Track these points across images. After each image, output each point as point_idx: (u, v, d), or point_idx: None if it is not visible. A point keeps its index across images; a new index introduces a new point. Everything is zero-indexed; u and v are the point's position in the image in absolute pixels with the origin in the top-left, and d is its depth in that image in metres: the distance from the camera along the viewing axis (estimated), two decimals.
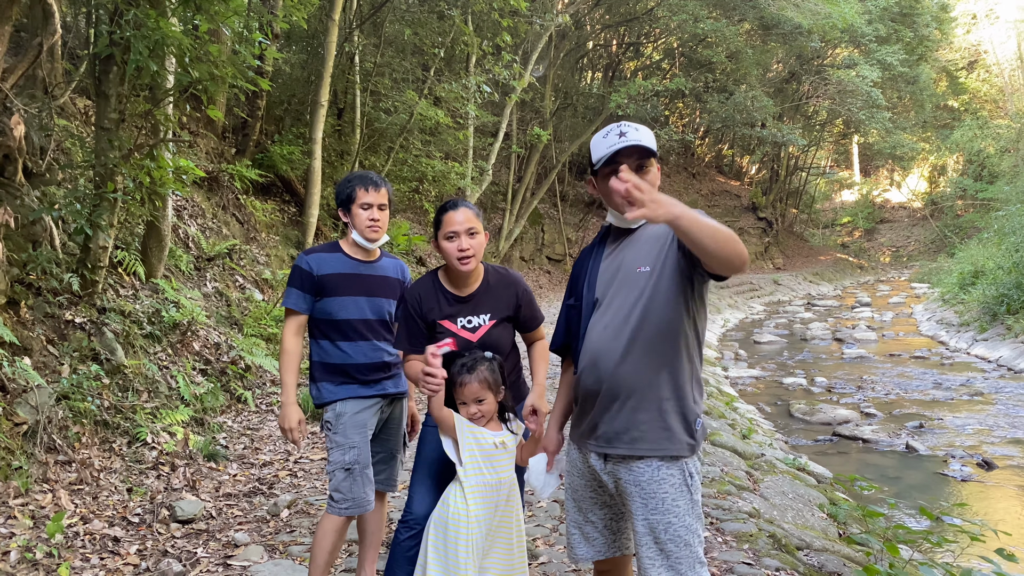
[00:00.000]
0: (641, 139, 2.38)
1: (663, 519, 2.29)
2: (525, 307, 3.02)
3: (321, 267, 3.20)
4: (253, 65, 6.32)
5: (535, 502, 5.01)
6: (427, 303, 2.92)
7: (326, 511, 3.17)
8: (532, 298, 3.08)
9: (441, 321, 2.89)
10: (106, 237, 5.67)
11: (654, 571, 2.30)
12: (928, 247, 39.92)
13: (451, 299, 2.92)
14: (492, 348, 2.88)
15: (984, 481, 6.99)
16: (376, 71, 14.03)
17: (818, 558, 4.22)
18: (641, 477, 2.32)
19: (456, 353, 2.84)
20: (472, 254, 2.82)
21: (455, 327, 2.89)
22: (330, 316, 3.21)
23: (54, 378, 4.96)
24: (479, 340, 2.89)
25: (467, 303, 2.92)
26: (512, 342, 3.03)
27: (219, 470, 5.53)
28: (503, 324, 2.95)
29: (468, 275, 2.89)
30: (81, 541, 4.09)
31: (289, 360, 3.19)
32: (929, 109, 36.75)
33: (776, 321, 20.36)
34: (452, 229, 2.81)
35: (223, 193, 10.14)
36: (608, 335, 2.38)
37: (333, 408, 3.20)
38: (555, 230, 25.92)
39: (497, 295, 2.96)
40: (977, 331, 15.17)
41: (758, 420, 8.97)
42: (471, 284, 2.94)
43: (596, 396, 2.41)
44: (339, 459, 3.14)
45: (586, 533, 2.55)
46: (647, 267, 2.34)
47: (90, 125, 7.50)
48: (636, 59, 30.53)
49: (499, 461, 2.78)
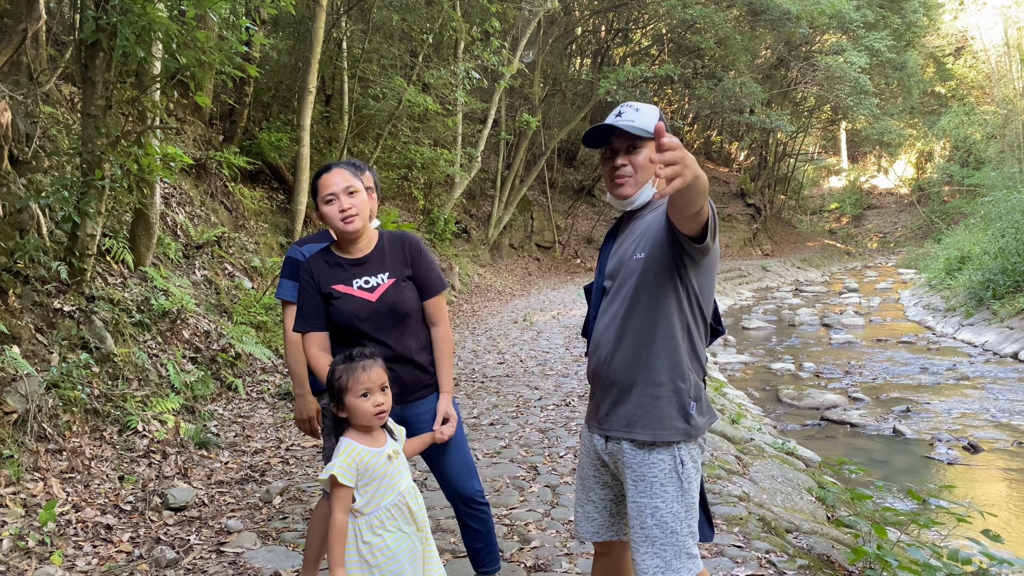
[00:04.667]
0: (634, 120, 2.39)
1: (651, 503, 2.31)
2: (417, 261, 2.85)
3: None
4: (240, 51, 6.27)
5: (527, 487, 5.04)
6: (321, 273, 2.80)
7: (321, 498, 3.18)
8: (428, 257, 2.91)
9: (336, 286, 2.76)
10: (94, 225, 5.63)
11: (639, 555, 2.33)
12: (915, 233, 40.18)
13: (345, 264, 2.81)
14: (393, 309, 2.75)
15: (970, 464, 7.07)
16: (364, 57, 13.96)
17: (807, 540, 4.26)
18: (633, 459, 2.35)
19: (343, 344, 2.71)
20: (355, 212, 2.71)
21: (352, 289, 2.76)
22: None
23: (43, 367, 4.94)
24: (378, 299, 2.75)
25: (363, 265, 2.81)
26: (418, 305, 2.86)
27: (211, 458, 5.53)
28: (403, 283, 2.81)
29: (357, 236, 2.79)
30: (73, 529, 4.09)
31: (297, 351, 3.13)
32: (916, 95, 36.86)
33: (764, 307, 20.45)
34: (329, 192, 2.71)
35: (211, 180, 10.08)
36: (608, 321, 2.42)
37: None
38: (544, 217, 25.91)
39: (392, 253, 2.85)
40: (963, 316, 15.30)
41: (747, 405, 9.03)
42: (364, 247, 2.83)
43: (598, 379, 2.46)
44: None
45: (587, 512, 2.59)
46: (641, 254, 2.35)
47: (76, 112, 7.44)
48: (625, 45, 30.46)
49: (395, 475, 2.45)
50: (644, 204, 2.47)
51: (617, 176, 2.43)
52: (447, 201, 18.08)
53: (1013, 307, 13.73)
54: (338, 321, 2.76)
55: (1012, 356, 11.94)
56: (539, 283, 20.55)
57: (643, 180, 2.41)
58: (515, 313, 15.61)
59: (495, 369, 9.59)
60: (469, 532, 3.09)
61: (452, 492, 3.02)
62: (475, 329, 13.45)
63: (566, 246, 26.37)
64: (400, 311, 2.77)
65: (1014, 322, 13.29)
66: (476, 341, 12.03)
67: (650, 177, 2.42)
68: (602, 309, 2.47)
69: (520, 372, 9.32)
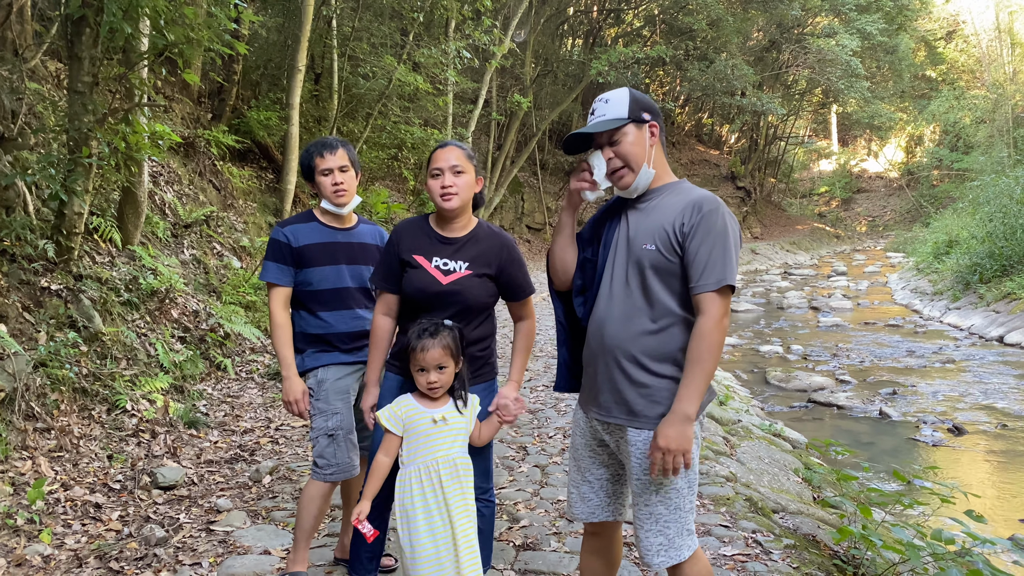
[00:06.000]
0: (605, 114, 2.40)
1: (655, 481, 2.32)
2: (510, 267, 2.86)
3: (298, 238, 3.16)
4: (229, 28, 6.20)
5: (516, 467, 5.06)
6: (408, 239, 2.82)
7: (311, 477, 3.18)
8: (522, 263, 2.92)
9: (415, 256, 2.78)
10: (81, 203, 5.58)
11: (643, 532, 2.35)
12: (904, 217, 40.36)
13: (434, 238, 2.82)
14: (459, 298, 2.75)
15: (954, 446, 7.15)
16: (354, 35, 13.83)
17: (793, 520, 4.31)
18: (636, 439, 2.36)
19: (417, 316, 2.76)
20: (455, 192, 2.73)
21: (428, 264, 2.76)
22: (310, 286, 3.18)
23: (31, 345, 4.91)
24: (448, 285, 2.74)
25: (449, 246, 2.80)
26: (487, 304, 2.86)
27: (200, 437, 5.53)
28: (480, 279, 2.79)
29: (454, 217, 2.79)
30: (62, 507, 4.09)
31: (282, 333, 3.16)
32: (907, 79, 36.93)
33: (753, 290, 20.53)
34: (437, 166, 2.74)
35: (200, 159, 10.00)
36: (612, 306, 2.40)
37: (315, 374, 3.17)
38: (535, 199, 25.88)
39: (482, 248, 2.82)
40: (950, 300, 15.41)
41: (735, 387, 9.09)
42: (458, 229, 2.83)
43: (598, 360, 2.44)
44: (322, 425, 3.13)
45: (582, 493, 2.58)
46: (651, 246, 2.33)
47: (63, 89, 7.35)
48: (617, 26, 30.31)
49: (436, 438, 2.62)
50: (648, 186, 2.45)
51: (612, 171, 2.42)
52: None
53: (999, 291, 13.84)
54: (406, 290, 2.79)
55: (997, 339, 12.05)
56: (529, 265, 20.53)
57: (637, 165, 2.40)
58: None
59: None
60: None
61: None
62: None
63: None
64: (463, 302, 2.76)
65: (1000, 306, 13.39)
66: None
67: (644, 159, 2.40)
68: (604, 288, 2.45)
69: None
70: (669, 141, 36.27)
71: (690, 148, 38.34)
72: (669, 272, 2.31)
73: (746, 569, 3.47)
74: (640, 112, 2.40)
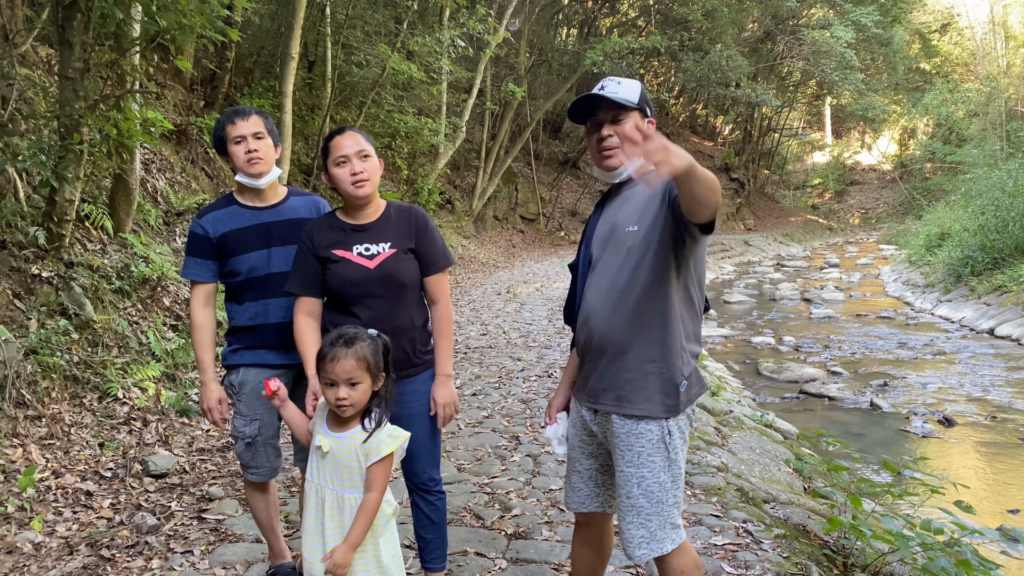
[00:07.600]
0: (617, 92, 2.39)
1: (637, 472, 2.32)
2: (423, 236, 2.78)
3: (218, 227, 2.91)
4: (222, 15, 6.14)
5: (508, 456, 5.07)
6: (321, 237, 2.73)
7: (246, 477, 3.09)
8: (434, 231, 2.82)
9: (335, 250, 2.69)
10: (72, 190, 5.55)
11: (625, 524, 2.36)
12: (897, 209, 40.42)
13: (348, 229, 2.74)
14: (390, 279, 2.69)
15: (944, 437, 7.19)
16: (348, 23, 13.76)
17: (784, 511, 4.33)
18: (621, 430, 2.36)
19: (350, 311, 2.67)
20: (367, 177, 2.66)
21: (351, 254, 2.69)
22: (238, 277, 2.93)
23: (21, 333, 4.89)
24: (376, 267, 2.68)
25: (365, 231, 2.73)
26: (416, 279, 2.78)
27: (192, 425, 5.52)
28: (405, 255, 2.73)
29: (366, 203, 2.73)
30: (53, 495, 4.08)
31: (201, 335, 2.92)
32: (901, 71, 36.94)
33: (746, 281, 20.58)
34: (342, 154, 2.64)
35: (192, 147, 9.95)
36: (599, 294, 2.40)
37: (236, 373, 2.97)
38: (529, 189, 25.83)
39: (397, 224, 2.77)
40: (942, 292, 15.47)
41: (727, 378, 9.11)
42: (371, 214, 2.76)
43: (587, 352, 2.44)
44: (241, 430, 2.97)
45: (572, 482, 2.60)
46: (635, 227, 2.34)
47: (54, 75, 7.29)
48: (612, 15, 30.23)
49: (320, 470, 2.30)
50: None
51: (604, 148, 2.43)
52: (431, 171, 17.96)
53: (990, 284, 13.90)
54: (333, 286, 2.70)
55: (988, 332, 12.10)
56: (523, 255, 20.54)
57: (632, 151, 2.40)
58: (498, 285, 15.61)
59: (478, 340, 9.60)
60: (420, 519, 2.93)
61: (410, 475, 2.89)
62: (458, 300, 13.45)
63: (550, 218, 26.33)
64: (397, 282, 2.70)
65: (991, 298, 13.45)
66: (459, 312, 12.04)
67: None
68: (591, 280, 2.45)
69: (503, 343, 9.34)
70: (663, 132, 36.22)
71: (684, 139, 38.29)
72: (653, 252, 2.29)
73: (736, 559, 3.49)
74: (645, 106, 2.44)
